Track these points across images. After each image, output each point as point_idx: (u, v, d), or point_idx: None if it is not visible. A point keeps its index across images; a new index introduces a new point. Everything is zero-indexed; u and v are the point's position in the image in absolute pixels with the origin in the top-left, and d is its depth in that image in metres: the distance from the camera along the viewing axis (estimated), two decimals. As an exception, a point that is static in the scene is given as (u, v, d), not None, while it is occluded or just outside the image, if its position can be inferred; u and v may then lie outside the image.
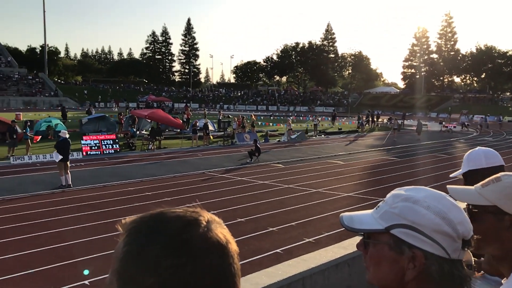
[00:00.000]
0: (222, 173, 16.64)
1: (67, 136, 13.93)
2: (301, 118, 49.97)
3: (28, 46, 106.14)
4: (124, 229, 0.78)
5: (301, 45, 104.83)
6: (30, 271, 7.07)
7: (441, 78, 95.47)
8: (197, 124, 25.97)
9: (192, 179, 15.25)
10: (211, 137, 26.70)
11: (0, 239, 8.54)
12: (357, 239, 1.10)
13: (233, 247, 0.77)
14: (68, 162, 13.59)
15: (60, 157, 13.23)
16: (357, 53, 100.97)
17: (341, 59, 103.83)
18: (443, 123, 43.24)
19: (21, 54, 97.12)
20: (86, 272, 6.90)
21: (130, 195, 12.63)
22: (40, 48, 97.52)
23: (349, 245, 4.24)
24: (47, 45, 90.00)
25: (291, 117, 40.20)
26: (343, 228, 1.05)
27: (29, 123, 22.37)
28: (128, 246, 0.74)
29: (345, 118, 53.51)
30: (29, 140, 19.52)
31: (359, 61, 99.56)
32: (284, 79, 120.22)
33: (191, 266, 0.71)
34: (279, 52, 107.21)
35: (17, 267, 7.20)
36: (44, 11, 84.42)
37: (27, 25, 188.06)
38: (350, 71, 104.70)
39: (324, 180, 15.47)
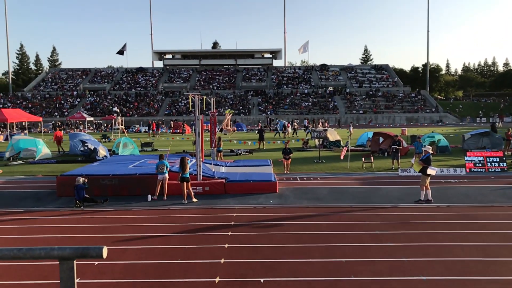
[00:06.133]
0: None
1: (431, 151, 13.85)
2: None
3: (412, 66, 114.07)
4: None
5: None
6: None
7: None
8: None
9: None
10: None
11: (374, 243, 9.48)
12: None
13: None
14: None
15: (436, 170, 13.71)
16: None
17: None
18: None
19: (405, 74, 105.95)
20: None
21: (523, 220, 11.26)
22: (422, 67, 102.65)
23: None
24: (429, 63, 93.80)
25: None
26: None
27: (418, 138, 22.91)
28: None
29: None
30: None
31: None
32: None
33: None
34: None
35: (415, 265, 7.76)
36: (428, 31, 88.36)
37: (411, 48, 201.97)
38: None
39: None
